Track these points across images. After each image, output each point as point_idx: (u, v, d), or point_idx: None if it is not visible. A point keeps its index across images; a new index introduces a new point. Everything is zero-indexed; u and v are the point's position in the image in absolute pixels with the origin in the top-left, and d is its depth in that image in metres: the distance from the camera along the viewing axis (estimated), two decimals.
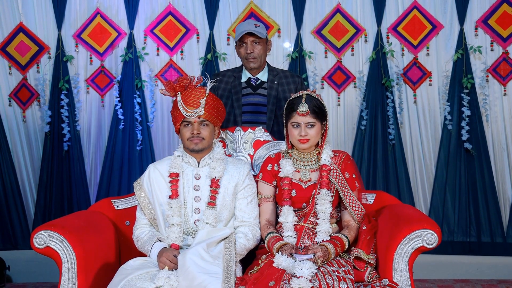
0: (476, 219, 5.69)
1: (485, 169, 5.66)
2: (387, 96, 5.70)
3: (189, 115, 3.25)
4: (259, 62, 4.23)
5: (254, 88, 4.30)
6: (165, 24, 5.84)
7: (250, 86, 4.31)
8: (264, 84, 4.29)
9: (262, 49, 4.21)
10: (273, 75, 4.30)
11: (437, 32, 5.71)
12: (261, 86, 4.29)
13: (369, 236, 3.27)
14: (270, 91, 4.28)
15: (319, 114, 3.31)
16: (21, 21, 5.85)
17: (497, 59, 5.66)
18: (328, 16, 5.77)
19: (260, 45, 4.19)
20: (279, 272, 2.98)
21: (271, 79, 4.29)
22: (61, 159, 5.83)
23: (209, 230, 3.24)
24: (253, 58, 4.21)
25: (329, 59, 5.81)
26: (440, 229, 3.15)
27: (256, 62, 4.22)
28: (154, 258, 3.19)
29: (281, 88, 4.27)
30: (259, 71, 4.30)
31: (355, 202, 3.35)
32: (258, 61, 4.23)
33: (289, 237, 3.29)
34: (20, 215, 5.88)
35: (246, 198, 3.39)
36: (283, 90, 4.28)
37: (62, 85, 5.79)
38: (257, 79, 4.30)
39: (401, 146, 5.74)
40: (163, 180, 3.37)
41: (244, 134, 3.83)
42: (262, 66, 4.28)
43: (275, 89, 4.27)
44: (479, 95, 5.67)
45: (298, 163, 3.45)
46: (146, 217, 3.40)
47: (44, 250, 3.15)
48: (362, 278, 3.14)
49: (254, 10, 5.78)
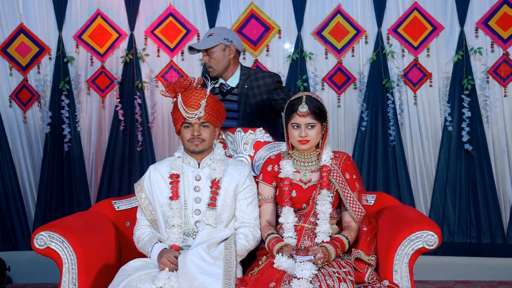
0: (477, 220, 5.69)
1: (486, 170, 5.66)
2: (388, 97, 5.70)
3: (190, 117, 3.26)
4: (217, 70, 4.23)
5: (224, 94, 4.29)
6: (165, 25, 5.85)
7: (221, 92, 4.30)
8: (234, 90, 4.28)
9: (217, 57, 4.19)
10: (244, 79, 4.27)
11: (438, 33, 5.71)
12: (231, 92, 4.28)
13: (370, 237, 3.27)
14: (240, 97, 4.25)
15: (319, 115, 3.31)
16: (22, 22, 5.85)
17: (498, 61, 5.66)
18: (329, 17, 5.77)
19: (215, 53, 4.18)
20: (279, 273, 2.98)
21: (241, 84, 4.26)
22: (62, 160, 5.83)
23: (209, 231, 3.24)
24: (209, 67, 4.24)
25: (330, 60, 5.81)
26: (441, 230, 3.16)
27: (213, 71, 4.24)
28: (154, 259, 3.19)
29: (251, 93, 4.24)
30: (229, 76, 4.29)
31: (355, 203, 3.35)
32: (215, 71, 4.23)
33: (290, 237, 3.28)
34: (20, 215, 5.89)
35: (246, 199, 3.39)
36: (253, 95, 4.24)
37: (63, 86, 5.79)
38: (227, 86, 4.29)
39: (401, 147, 5.74)
40: (164, 181, 3.37)
41: (245, 135, 3.84)
42: (227, 72, 4.27)
43: (245, 94, 4.24)
44: (480, 96, 5.67)
45: (299, 164, 3.45)
46: (146, 218, 3.40)
47: (44, 251, 3.15)
48: (362, 279, 3.14)
49: (255, 11, 5.78)
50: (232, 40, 4.22)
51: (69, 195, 5.85)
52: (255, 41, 5.80)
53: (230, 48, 4.21)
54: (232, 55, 4.23)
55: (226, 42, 4.19)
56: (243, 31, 5.79)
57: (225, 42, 4.19)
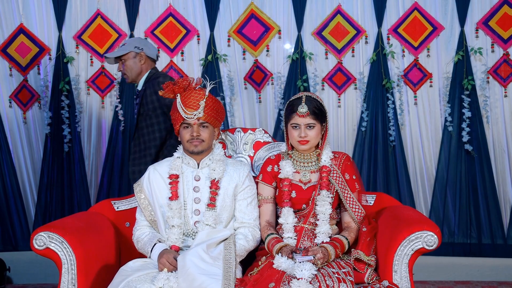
0: (477, 221, 5.69)
1: (486, 170, 5.66)
2: (388, 97, 5.70)
3: (189, 117, 3.25)
4: (131, 77, 4.49)
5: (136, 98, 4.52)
6: (165, 25, 5.84)
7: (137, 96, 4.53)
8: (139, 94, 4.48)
9: (129, 65, 4.45)
10: (144, 85, 4.44)
11: (438, 33, 5.70)
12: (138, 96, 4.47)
13: (369, 238, 3.26)
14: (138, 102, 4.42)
15: (319, 115, 3.31)
16: (22, 23, 5.85)
17: (498, 61, 5.66)
18: (329, 18, 5.76)
19: (127, 61, 4.45)
20: (279, 274, 2.98)
21: (142, 89, 4.44)
22: (62, 161, 5.83)
23: (209, 231, 3.24)
24: (124, 75, 4.55)
25: (330, 60, 5.81)
26: (441, 230, 3.15)
27: (127, 78, 4.52)
28: (154, 259, 3.19)
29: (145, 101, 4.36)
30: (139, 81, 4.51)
31: (355, 204, 3.34)
32: (128, 77, 4.51)
33: (289, 238, 3.29)
34: (20, 216, 5.89)
35: (246, 199, 3.39)
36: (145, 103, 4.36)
37: (63, 86, 5.79)
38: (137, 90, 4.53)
39: (401, 147, 5.74)
40: (163, 182, 3.37)
41: (244, 136, 3.84)
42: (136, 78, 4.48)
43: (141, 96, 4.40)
44: (480, 96, 5.67)
45: (298, 164, 3.45)
46: (146, 218, 3.40)
47: (44, 251, 3.15)
48: (362, 279, 3.13)
49: (255, 11, 5.78)
50: (142, 48, 4.46)
51: (69, 196, 5.85)
52: (255, 41, 5.79)
53: (140, 56, 4.45)
54: (143, 61, 4.46)
55: (137, 50, 4.44)
56: (243, 31, 5.79)
57: (135, 50, 4.43)
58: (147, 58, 4.47)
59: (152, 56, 4.52)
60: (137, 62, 4.43)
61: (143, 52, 4.44)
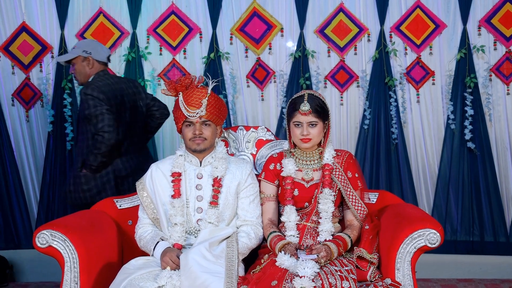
0: (479, 219, 5.69)
1: (488, 168, 5.65)
2: (390, 95, 5.70)
3: (191, 116, 3.25)
4: (80, 80, 4.56)
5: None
6: (168, 23, 5.84)
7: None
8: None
9: (77, 68, 4.52)
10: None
11: (440, 31, 5.70)
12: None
13: (372, 236, 3.27)
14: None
15: (321, 114, 3.30)
16: (24, 21, 5.84)
17: (500, 59, 5.65)
18: (331, 16, 5.76)
19: (76, 65, 4.52)
20: (281, 272, 2.98)
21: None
22: (64, 159, 5.82)
23: (211, 229, 3.24)
24: (75, 78, 4.65)
25: (332, 58, 5.80)
26: (443, 228, 3.16)
27: (78, 81, 4.61)
28: (157, 257, 3.19)
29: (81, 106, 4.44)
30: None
31: (357, 202, 3.35)
32: (79, 80, 4.58)
33: (292, 236, 3.29)
34: (23, 214, 5.89)
35: (248, 197, 3.39)
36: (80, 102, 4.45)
37: (65, 84, 5.79)
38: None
39: (404, 145, 5.73)
40: (166, 180, 3.37)
41: (247, 134, 3.84)
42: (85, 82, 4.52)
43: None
44: (482, 94, 5.66)
45: (301, 162, 3.45)
46: (148, 216, 3.40)
47: (46, 249, 3.15)
48: (364, 277, 3.14)
49: (257, 9, 5.78)
50: (91, 52, 4.49)
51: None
52: (257, 39, 5.79)
53: (88, 60, 4.50)
54: (91, 65, 4.51)
55: (85, 54, 4.48)
56: (246, 29, 5.79)
57: (84, 54, 4.48)
58: (95, 62, 4.52)
59: (102, 59, 4.56)
60: (85, 66, 4.49)
61: (91, 56, 4.49)
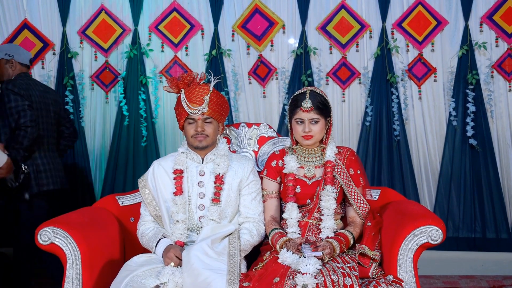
0: (481, 215, 5.69)
1: (490, 165, 5.66)
2: (392, 92, 5.70)
3: (193, 112, 3.25)
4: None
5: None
6: (169, 20, 5.84)
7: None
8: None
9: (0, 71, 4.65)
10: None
11: (442, 28, 5.70)
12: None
13: (374, 232, 3.26)
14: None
15: (323, 110, 3.30)
16: (26, 18, 5.85)
17: (502, 55, 5.65)
18: (333, 12, 5.76)
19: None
20: (283, 269, 2.97)
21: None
22: (66, 156, 5.82)
23: (213, 226, 3.24)
24: None
25: (334, 55, 5.81)
26: (445, 225, 3.16)
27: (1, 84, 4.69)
28: (159, 254, 3.19)
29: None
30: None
31: (359, 198, 3.34)
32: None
33: (293, 233, 3.29)
34: None
35: (250, 194, 3.38)
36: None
37: (67, 81, 5.79)
38: None
39: (406, 142, 5.73)
40: (168, 177, 3.37)
41: (249, 130, 3.83)
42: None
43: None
44: (484, 91, 5.66)
45: (303, 160, 3.44)
46: (150, 213, 3.40)
47: (48, 246, 3.15)
48: (367, 274, 3.14)
49: (259, 6, 5.78)
50: (13, 55, 4.63)
51: (73, 191, 5.85)
52: (259, 36, 5.79)
53: (11, 62, 4.63)
54: (14, 68, 4.64)
55: (7, 57, 4.63)
56: (248, 26, 5.79)
57: (6, 57, 4.63)
58: (18, 64, 4.65)
59: (24, 62, 4.69)
60: (8, 68, 4.62)
61: (13, 59, 4.62)
